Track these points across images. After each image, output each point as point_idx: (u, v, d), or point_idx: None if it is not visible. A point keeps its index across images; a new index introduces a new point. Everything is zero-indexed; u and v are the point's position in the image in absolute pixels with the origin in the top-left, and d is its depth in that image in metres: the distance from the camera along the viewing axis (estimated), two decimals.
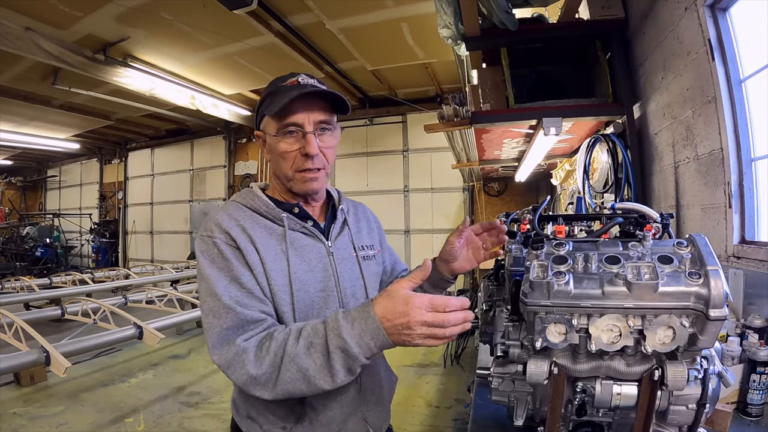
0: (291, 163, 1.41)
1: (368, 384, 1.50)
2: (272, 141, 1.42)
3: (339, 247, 1.52)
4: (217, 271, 1.31)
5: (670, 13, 2.95)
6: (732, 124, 2.44)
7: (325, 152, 1.44)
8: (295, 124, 1.38)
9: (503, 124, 4.01)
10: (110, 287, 9.24)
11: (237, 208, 1.45)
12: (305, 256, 1.43)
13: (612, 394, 1.23)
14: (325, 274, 1.44)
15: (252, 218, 1.42)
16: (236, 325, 1.26)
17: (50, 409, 5.05)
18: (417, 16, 6.44)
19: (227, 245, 1.33)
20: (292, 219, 1.45)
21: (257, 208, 1.44)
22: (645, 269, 1.11)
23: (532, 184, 9.45)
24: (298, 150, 1.40)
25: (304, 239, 1.45)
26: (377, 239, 1.72)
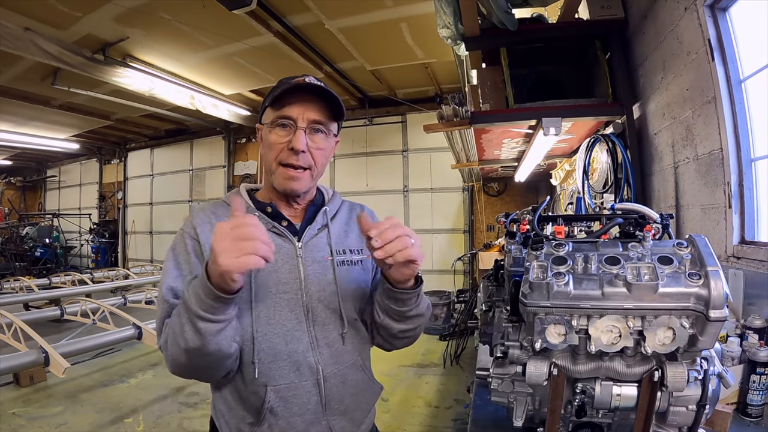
0: (276, 155, 1.41)
1: (334, 394, 1.44)
2: (265, 132, 1.44)
3: (311, 250, 1.46)
4: (172, 261, 1.40)
5: (669, 13, 2.95)
6: (732, 125, 2.44)
7: (314, 153, 1.42)
8: (289, 118, 1.39)
9: (503, 124, 4.01)
10: (110, 287, 9.24)
11: (217, 205, 1.52)
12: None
13: (612, 395, 1.23)
14: (290, 276, 1.40)
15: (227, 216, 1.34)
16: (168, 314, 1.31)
17: (49, 409, 5.05)
18: (416, 16, 6.43)
19: (191, 238, 1.41)
20: (263, 218, 1.42)
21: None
22: (645, 270, 1.10)
23: (531, 184, 9.44)
24: (285, 143, 1.39)
25: (274, 239, 1.39)
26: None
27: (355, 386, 1.51)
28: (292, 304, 1.39)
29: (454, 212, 10.78)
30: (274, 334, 1.37)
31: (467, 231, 10.60)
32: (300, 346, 1.39)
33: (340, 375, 1.45)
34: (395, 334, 1.49)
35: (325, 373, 1.41)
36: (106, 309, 6.10)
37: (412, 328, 1.48)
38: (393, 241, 1.17)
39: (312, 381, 1.40)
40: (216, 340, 1.19)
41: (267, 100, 1.43)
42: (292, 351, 1.38)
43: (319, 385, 1.40)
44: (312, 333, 1.41)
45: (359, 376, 1.52)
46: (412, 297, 1.38)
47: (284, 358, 1.38)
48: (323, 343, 1.43)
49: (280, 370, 1.37)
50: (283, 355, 1.38)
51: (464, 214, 10.68)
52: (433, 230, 10.82)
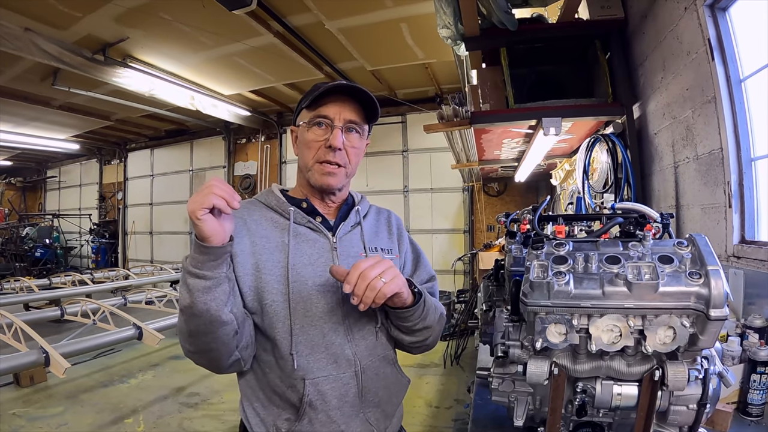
0: (314, 153, 1.45)
1: (369, 386, 1.46)
2: (302, 131, 1.48)
3: (346, 245, 1.51)
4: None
5: (669, 13, 2.95)
6: (732, 124, 2.44)
7: (349, 151, 1.47)
8: (326, 117, 1.43)
9: (503, 124, 4.01)
10: (110, 288, 9.23)
11: (251, 203, 1.53)
12: (307, 249, 1.44)
13: (612, 395, 1.23)
14: (326, 269, 1.40)
15: (261, 212, 1.49)
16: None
17: (50, 410, 5.05)
18: (416, 17, 6.43)
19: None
20: (299, 213, 1.47)
21: (269, 203, 1.51)
22: (645, 269, 1.10)
23: (531, 184, 9.45)
24: (323, 141, 1.44)
25: (309, 233, 1.47)
26: (396, 244, 1.66)
27: (387, 379, 1.53)
28: (328, 297, 1.41)
29: (454, 212, 10.77)
30: (311, 326, 1.39)
31: (467, 231, 10.60)
32: (337, 338, 1.41)
33: (374, 367, 1.48)
34: (408, 346, 1.56)
35: (363, 364, 1.44)
36: (106, 309, 6.09)
37: (422, 339, 1.52)
38: (366, 291, 1.20)
39: (350, 373, 1.42)
40: (204, 299, 1.21)
41: (304, 101, 1.47)
42: (329, 343, 1.40)
43: (357, 377, 1.43)
44: (348, 325, 1.43)
45: (390, 369, 1.55)
46: (413, 313, 1.40)
47: (322, 350, 1.39)
48: (358, 336, 1.45)
49: (318, 362, 1.39)
50: (321, 347, 1.39)
51: (464, 215, 10.67)
52: (434, 230, 10.82)
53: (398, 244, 1.67)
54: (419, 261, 1.73)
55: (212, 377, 6.03)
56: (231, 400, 5.31)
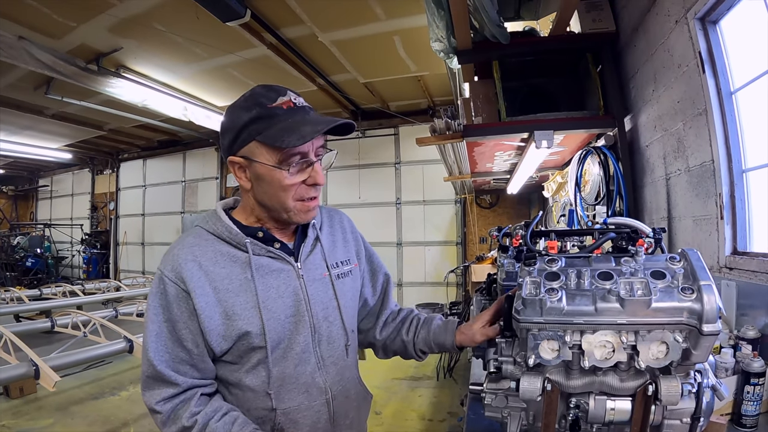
0: (292, 194, 1.33)
1: (340, 410, 1.48)
2: (268, 171, 1.31)
3: (309, 268, 1.45)
4: (155, 312, 1.30)
5: (660, 26, 2.97)
6: (723, 136, 2.45)
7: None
8: (302, 154, 1.30)
9: (495, 137, 4.02)
10: (101, 299, 9.17)
11: (199, 235, 1.39)
12: (272, 282, 1.37)
13: (606, 410, 1.23)
14: (295, 299, 1.39)
15: (213, 247, 1.36)
16: (153, 377, 1.29)
17: (40, 422, 5.00)
18: (409, 29, 6.47)
19: (175, 286, 1.29)
20: (257, 244, 1.38)
21: (219, 233, 1.38)
22: (638, 285, 1.10)
23: (524, 197, 9.48)
24: (302, 182, 1.33)
25: (272, 263, 1.39)
26: (353, 251, 1.64)
27: (357, 399, 1.57)
28: (300, 327, 1.39)
29: (446, 224, 10.78)
30: (284, 359, 1.38)
31: (460, 243, 10.61)
32: (308, 368, 1.41)
33: (344, 391, 1.51)
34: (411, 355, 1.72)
35: (333, 392, 1.46)
36: (97, 321, 6.06)
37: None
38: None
39: (321, 401, 1.43)
40: None
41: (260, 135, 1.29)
42: (300, 373, 1.40)
43: (329, 404, 1.44)
44: (318, 353, 1.44)
45: (358, 388, 1.60)
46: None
47: (293, 381, 1.39)
48: (329, 362, 1.46)
49: (289, 393, 1.39)
50: (292, 379, 1.39)
51: (457, 227, 10.69)
52: (426, 242, 10.82)
53: (355, 251, 1.65)
54: (373, 263, 1.73)
55: None
56: None
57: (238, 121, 1.31)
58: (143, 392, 1.31)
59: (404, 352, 1.71)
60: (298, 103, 1.32)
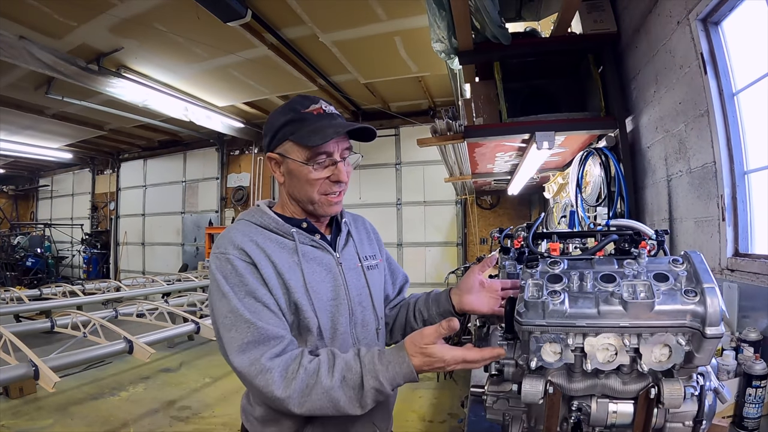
0: (317, 188, 1.49)
1: None
2: (297, 167, 1.48)
3: (346, 258, 1.61)
4: (233, 287, 1.38)
5: (662, 27, 2.97)
6: (725, 137, 2.45)
7: (348, 175, 1.54)
8: (327, 153, 1.47)
9: (496, 138, 4.02)
10: (101, 299, 9.15)
11: (247, 225, 1.53)
12: (316, 268, 1.51)
13: (608, 413, 1.22)
14: (335, 284, 1.53)
15: (263, 234, 1.50)
16: (257, 339, 1.33)
17: (39, 422, 5.00)
18: (410, 30, 6.47)
19: (241, 261, 1.41)
20: (302, 233, 1.53)
21: (267, 224, 1.52)
22: (641, 288, 1.10)
23: (524, 197, 9.48)
24: (327, 177, 1.49)
25: (314, 252, 1.54)
26: (377, 249, 1.80)
27: None
28: (341, 309, 1.53)
29: (447, 225, 10.79)
30: (333, 340, 1.51)
31: (460, 244, 10.61)
32: (345, 347, 1.50)
33: None
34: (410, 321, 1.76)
35: None
36: (96, 322, 6.03)
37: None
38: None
39: None
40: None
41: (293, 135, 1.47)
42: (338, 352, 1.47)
43: None
44: (354, 335, 1.57)
45: None
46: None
47: None
48: (363, 344, 1.58)
49: None
50: None
51: (457, 227, 10.70)
52: (426, 243, 10.83)
53: (378, 249, 1.82)
54: (392, 264, 1.92)
55: (203, 391, 5.98)
56: (222, 414, 5.25)
57: (275, 123, 1.51)
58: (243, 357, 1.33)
59: (405, 321, 1.79)
60: (327, 110, 1.50)
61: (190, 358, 7.56)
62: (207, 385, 6.16)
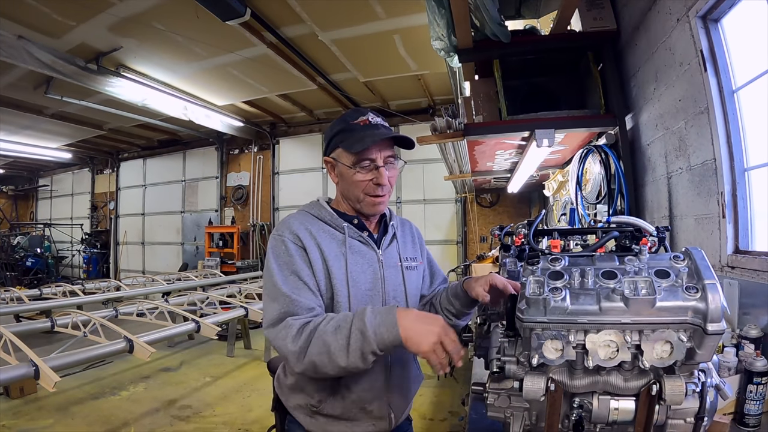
0: (362, 189, 1.70)
1: (397, 376, 1.77)
2: (346, 170, 1.70)
3: (388, 256, 1.81)
4: (281, 265, 1.61)
5: (662, 25, 2.96)
6: (725, 135, 2.45)
7: (390, 181, 1.73)
8: (371, 159, 1.67)
9: (496, 136, 4.01)
10: (101, 299, 9.13)
11: (305, 215, 1.77)
12: (359, 260, 1.72)
13: (609, 410, 1.22)
14: (374, 277, 1.74)
15: (317, 225, 1.73)
16: (290, 310, 1.54)
17: (40, 422, 4.99)
18: (409, 28, 6.46)
19: (294, 244, 1.64)
20: (352, 228, 1.75)
21: (323, 217, 1.76)
22: (642, 284, 1.10)
23: (524, 195, 9.47)
24: (370, 180, 1.69)
25: (360, 246, 1.75)
26: (419, 252, 2.00)
27: (411, 373, 1.88)
28: (375, 300, 1.72)
29: (447, 223, 10.78)
30: None
31: (460, 242, 10.61)
32: None
33: (401, 362, 1.80)
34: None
35: (392, 359, 1.75)
36: (97, 321, 6.02)
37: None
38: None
39: (381, 365, 1.71)
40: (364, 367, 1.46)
41: (342, 143, 1.69)
42: None
43: (386, 369, 1.74)
44: None
45: (413, 365, 1.90)
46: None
47: None
48: None
49: None
50: None
51: (457, 226, 10.69)
52: (427, 241, 10.65)
53: (420, 252, 2.02)
54: (433, 267, 2.13)
55: (204, 390, 5.98)
56: (223, 413, 5.25)
57: (331, 132, 1.76)
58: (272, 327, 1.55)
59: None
60: (373, 122, 1.71)
61: (190, 358, 7.55)
62: (207, 384, 6.15)
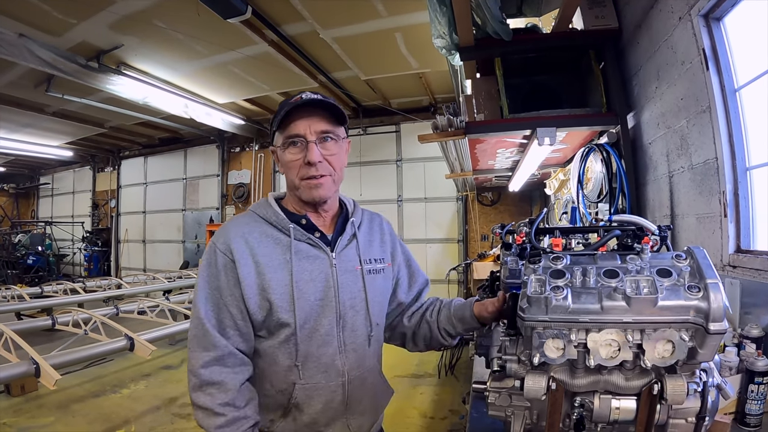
0: (296, 172, 1.51)
1: (355, 394, 1.58)
2: (280, 153, 1.54)
3: (343, 260, 1.58)
4: (207, 278, 1.49)
5: (663, 23, 2.96)
6: (727, 134, 2.44)
7: (330, 159, 1.52)
8: (298, 135, 1.48)
9: (497, 135, 4.01)
10: (102, 297, 9.15)
11: (250, 217, 1.59)
12: (307, 266, 1.52)
13: (611, 409, 1.22)
14: (325, 285, 1.52)
15: (261, 228, 1.55)
16: (200, 335, 1.44)
17: (40, 420, 4.99)
18: (411, 26, 6.45)
19: (224, 256, 1.48)
20: (299, 230, 1.54)
21: (268, 217, 1.56)
22: (644, 283, 1.09)
23: (525, 194, 9.47)
24: (301, 159, 1.49)
25: (310, 250, 1.54)
26: (389, 252, 1.77)
27: (373, 388, 1.68)
28: (327, 311, 1.52)
29: (448, 222, 10.78)
30: (309, 338, 1.50)
31: (461, 241, 10.61)
32: (329, 350, 1.52)
33: (361, 378, 1.60)
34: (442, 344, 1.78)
35: (350, 376, 1.56)
36: (98, 319, 6.04)
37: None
38: None
39: (337, 382, 1.54)
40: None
41: (273, 124, 1.54)
42: (321, 354, 1.52)
43: (344, 387, 1.55)
44: (341, 338, 1.55)
45: (377, 379, 1.71)
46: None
47: (314, 360, 1.51)
48: (350, 348, 1.57)
49: (310, 370, 1.51)
50: (314, 358, 1.51)
51: (458, 224, 10.69)
52: (427, 240, 10.81)
53: (391, 252, 1.78)
54: (411, 267, 1.88)
55: None
56: None
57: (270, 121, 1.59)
58: (190, 353, 1.46)
59: (430, 336, 1.76)
60: (306, 97, 1.49)
61: None
62: None
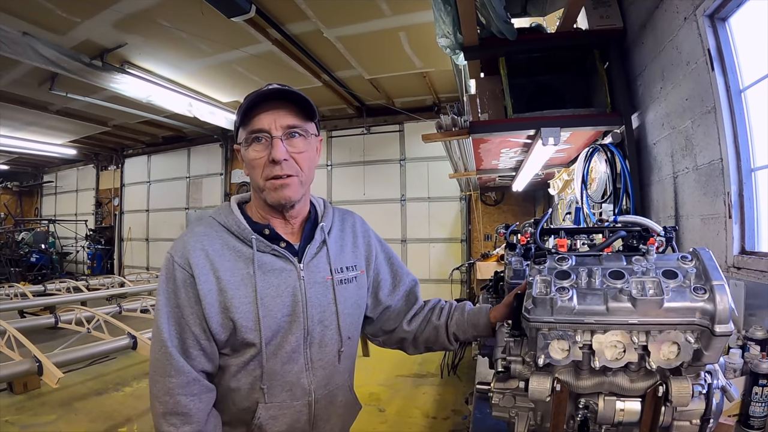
0: (260, 172, 1.37)
1: (322, 414, 1.49)
2: (244, 151, 1.39)
3: (312, 270, 1.46)
4: (167, 293, 1.35)
5: (669, 23, 2.95)
6: (732, 134, 2.43)
7: (297, 158, 1.38)
8: (261, 130, 1.34)
9: (501, 134, 4.00)
10: (105, 295, 9.18)
11: (210, 225, 1.44)
12: (273, 280, 1.40)
13: (615, 411, 1.21)
14: (293, 299, 1.41)
15: (222, 238, 1.41)
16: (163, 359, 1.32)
17: (43, 417, 5.00)
18: (415, 26, 6.44)
19: (182, 271, 1.35)
20: (262, 241, 1.41)
21: (229, 226, 1.42)
22: (650, 284, 1.09)
23: (529, 194, 9.45)
24: (265, 156, 1.35)
25: (275, 262, 1.41)
26: (363, 257, 1.63)
27: (343, 406, 1.57)
28: (294, 327, 1.41)
29: (451, 221, 10.77)
30: (274, 356, 1.40)
31: (464, 240, 10.59)
32: (295, 368, 1.43)
33: (330, 396, 1.51)
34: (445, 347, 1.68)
35: (317, 395, 1.46)
36: (101, 317, 6.06)
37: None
38: None
39: (303, 402, 1.44)
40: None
41: (237, 119, 1.40)
42: (286, 372, 1.41)
43: (310, 407, 1.45)
44: (308, 355, 1.45)
45: (346, 396, 1.59)
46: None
47: (278, 378, 1.41)
48: (318, 365, 1.47)
49: (273, 389, 1.41)
50: (278, 376, 1.41)
51: (462, 224, 10.68)
52: (431, 239, 10.80)
53: (365, 255, 1.64)
54: (394, 266, 1.73)
55: None
56: None
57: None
58: (151, 375, 1.34)
59: (435, 340, 1.65)
60: (270, 88, 1.35)
61: None
62: None
